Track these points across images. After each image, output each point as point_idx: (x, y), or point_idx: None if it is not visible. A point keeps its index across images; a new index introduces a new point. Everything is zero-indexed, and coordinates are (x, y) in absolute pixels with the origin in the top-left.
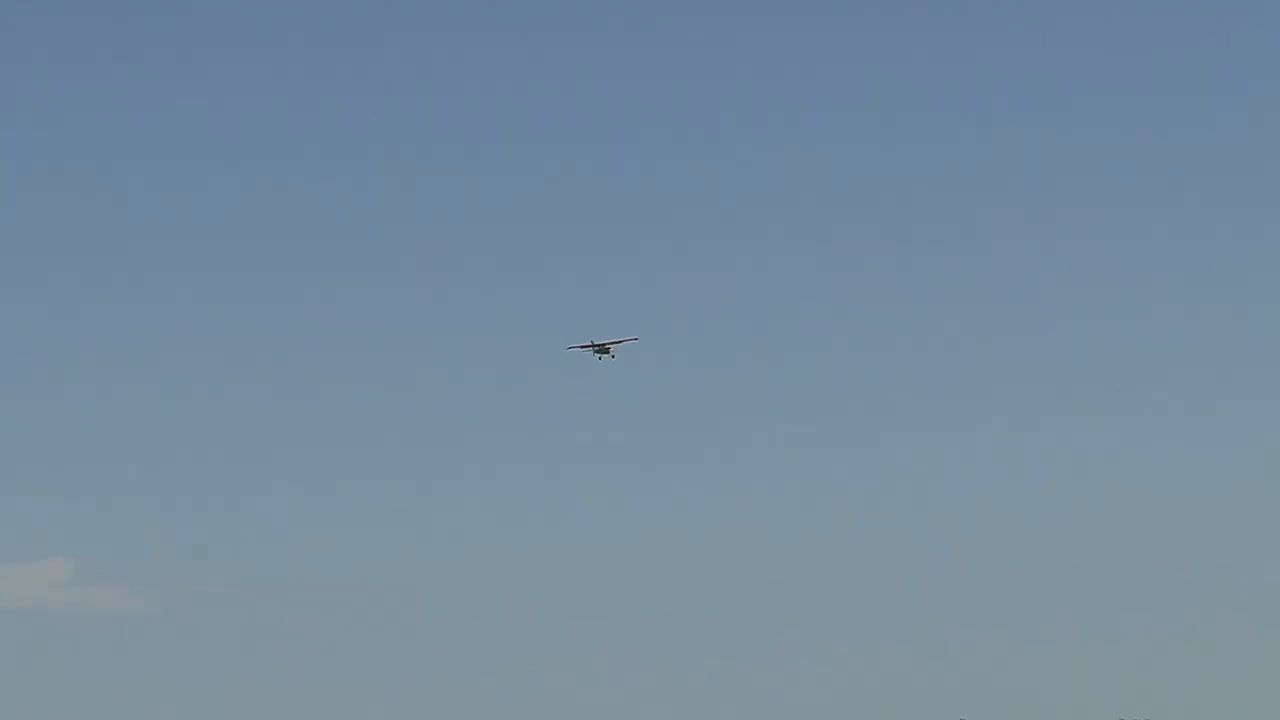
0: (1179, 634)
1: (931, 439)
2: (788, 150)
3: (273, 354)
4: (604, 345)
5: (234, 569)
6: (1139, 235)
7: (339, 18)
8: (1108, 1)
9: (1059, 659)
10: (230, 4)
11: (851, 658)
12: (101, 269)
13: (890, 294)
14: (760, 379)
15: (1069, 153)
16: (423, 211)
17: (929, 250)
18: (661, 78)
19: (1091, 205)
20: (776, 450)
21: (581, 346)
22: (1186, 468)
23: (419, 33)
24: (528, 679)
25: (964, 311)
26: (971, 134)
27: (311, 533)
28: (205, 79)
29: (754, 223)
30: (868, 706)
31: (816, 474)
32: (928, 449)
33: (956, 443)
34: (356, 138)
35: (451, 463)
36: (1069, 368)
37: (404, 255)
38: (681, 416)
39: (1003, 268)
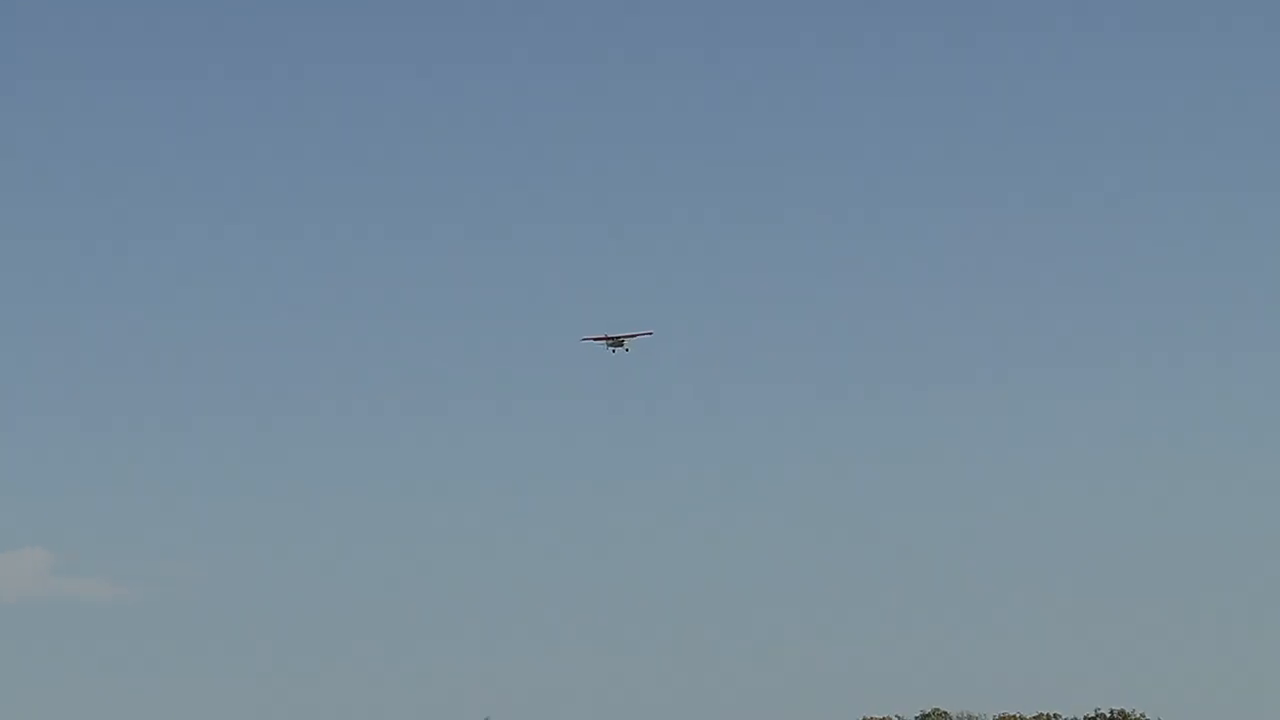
0: (1161, 625)
1: (937, 426)
2: (798, 150)
3: (268, 347)
4: (618, 338)
5: (211, 559)
6: (1137, 230)
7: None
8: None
9: (1041, 649)
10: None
11: (848, 639)
12: (79, 260)
13: (895, 291)
14: (771, 374)
15: (1071, 147)
16: (439, 206)
17: (936, 249)
18: (678, 78)
19: (1087, 201)
20: (783, 445)
21: (596, 339)
22: (1177, 458)
23: (442, 28)
24: (527, 665)
25: (969, 308)
26: (975, 133)
27: (298, 525)
28: (216, 68)
29: (766, 222)
30: (859, 688)
31: (825, 472)
32: (931, 439)
33: (960, 432)
34: (372, 132)
35: (454, 450)
36: (1056, 360)
37: (417, 246)
38: (692, 409)
39: (1002, 264)
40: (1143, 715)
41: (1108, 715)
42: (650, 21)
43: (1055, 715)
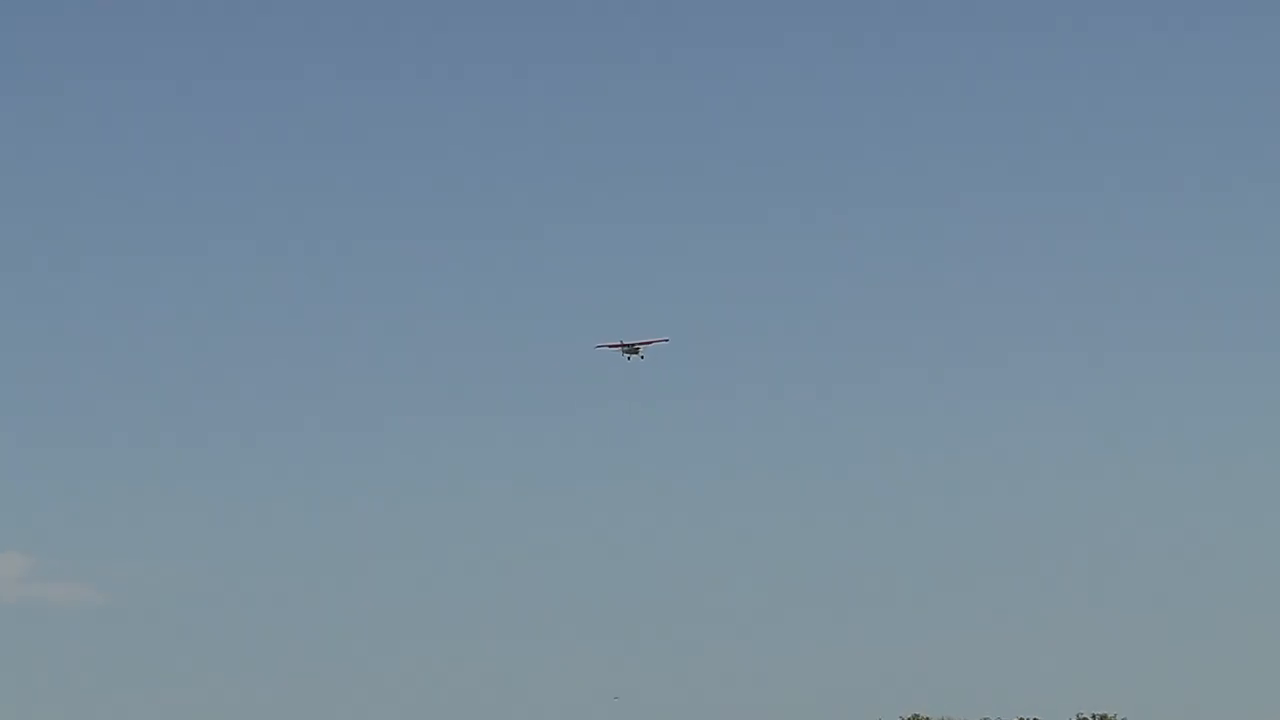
0: (1145, 627)
1: (926, 429)
2: (817, 155)
3: (259, 350)
4: (633, 345)
5: (192, 564)
6: (1136, 230)
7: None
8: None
9: (1022, 652)
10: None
11: (827, 643)
12: (57, 262)
13: (895, 291)
14: (785, 379)
15: (1071, 147)
16: (448, 209)
17: (936, 248)
18: (695, 80)
19: (1087, 202)
20: (788, 450)
21: (610, 345)
22: (1163, 461)
23: (453, 28)
24: (529, 671)
25: (968, 308)
26: (974, 133)
27: (286, 529)
28: (221, 69)
29: (787, 228)
30: (837, 694)
31: (818, 478)
32: (918, 443)
33: (950, 434)
34: (379, 133)
35: (463, 456)
36: (1054, 359)
37: (427, 249)
38: (709, 418)
39: (1002, 264)
40: None
41: (1089, 719)
42: (670, 21)
43: None
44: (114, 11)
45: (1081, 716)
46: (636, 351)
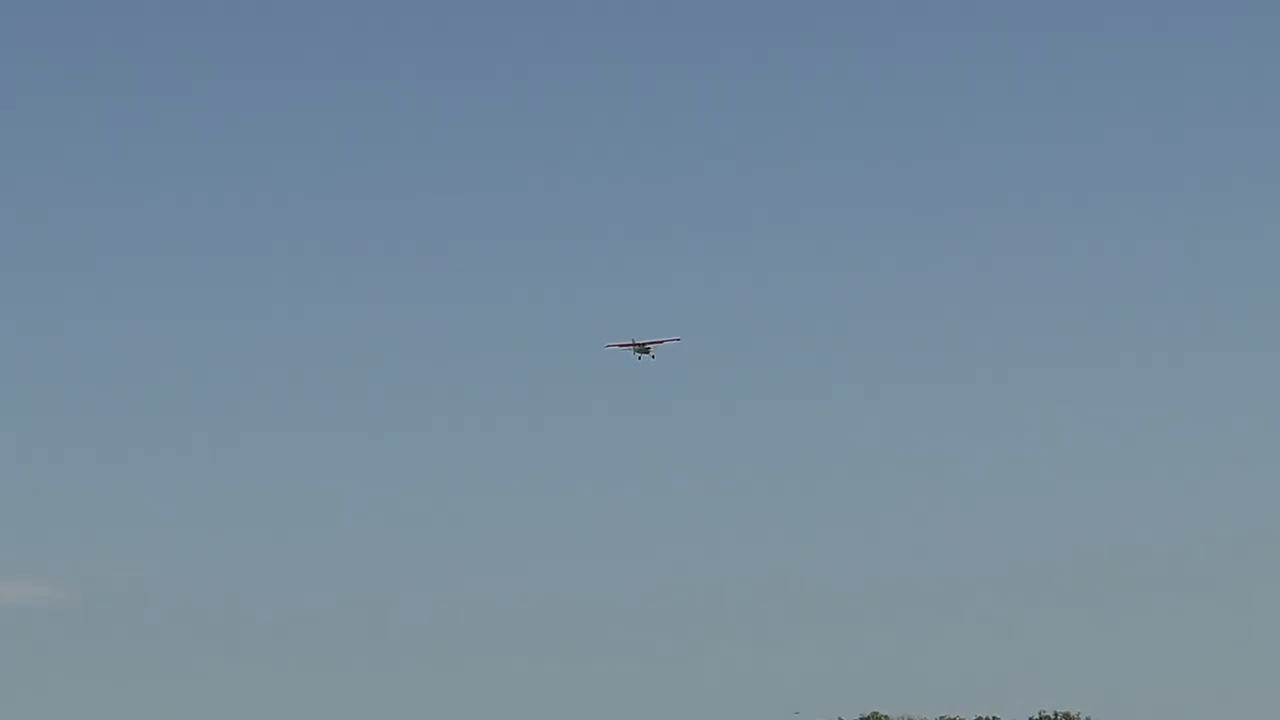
0: (1104, 628)
1: (947, 432)
2: (831, 156)
3: (265, 348)
4: (644, 344)
5: (146, 562)
6: (1136, 230)
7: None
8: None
9: (983, 650)
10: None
11: (788, 640)
12: (30, 262)
13: (895, 291)
14: (796, 379)
15: (1071, 147)
16: (458, 209)
17: (936, 249)
18: (704, 81)
19: (1087, 201)
20: (811, 456)
21: (621, 345)
22: (1139, 460)
23: (466, 29)
24: (521, 677)
25: (968, 308)
26: (975, 133)
27: (268, 529)
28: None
29: (799, 229)
30: (798, 690)
31: (803, 478)
32: (909, 442)
33: (946, 434)
34: (386, 133)
35: (471, 457)
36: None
37: (435, 249)
38: (719, 417)
39: (1002, 264)
40: (1088, 719)
41: (1051, 717)
42: (678, 22)
43: (995, 718)
44: (114, 11)
45: (1044, 715)
46: (648, 351)
